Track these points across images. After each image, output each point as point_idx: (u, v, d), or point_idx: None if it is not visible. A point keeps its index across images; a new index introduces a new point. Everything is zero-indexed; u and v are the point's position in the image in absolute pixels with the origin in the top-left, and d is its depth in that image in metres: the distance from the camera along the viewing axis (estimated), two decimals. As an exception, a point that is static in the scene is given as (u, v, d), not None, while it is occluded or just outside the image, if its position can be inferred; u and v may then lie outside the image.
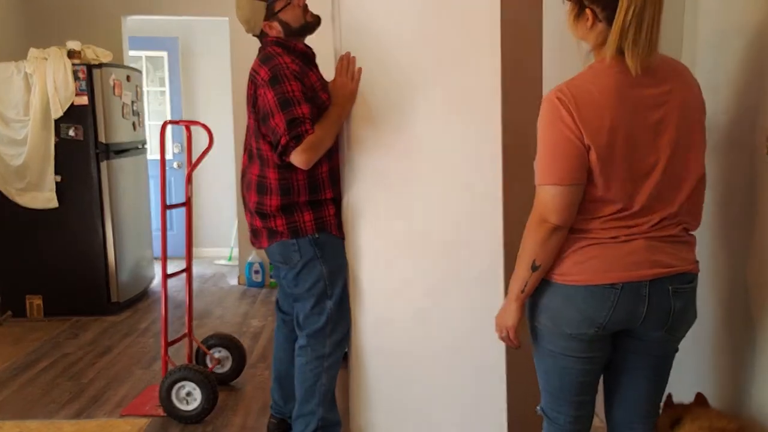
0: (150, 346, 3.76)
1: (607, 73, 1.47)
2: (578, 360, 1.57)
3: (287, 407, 2.50)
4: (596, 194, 1.48)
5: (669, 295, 1.50)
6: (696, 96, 1.54)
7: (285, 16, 2.21)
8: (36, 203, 4.12)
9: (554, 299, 1.55)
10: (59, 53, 4.04)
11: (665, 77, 1.49)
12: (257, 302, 4.71)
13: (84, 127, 4.10)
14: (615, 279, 1.48)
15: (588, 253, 1.50)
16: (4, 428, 2.74)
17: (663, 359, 1.63)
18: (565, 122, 1.44)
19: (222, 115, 5.52)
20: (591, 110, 1.44)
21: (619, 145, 1.45)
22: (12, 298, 4.24)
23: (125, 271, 4.41)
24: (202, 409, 2.76)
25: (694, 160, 1.53)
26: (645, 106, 1.46)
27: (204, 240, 6.04)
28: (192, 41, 5.82)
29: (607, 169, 1.46)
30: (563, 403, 1.64)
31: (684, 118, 1.49)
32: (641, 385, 1.65)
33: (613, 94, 1.44)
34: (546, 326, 1.58)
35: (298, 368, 2.34)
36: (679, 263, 1.51)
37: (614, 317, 1.50)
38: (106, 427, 2.74)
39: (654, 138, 1.47)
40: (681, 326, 1.58)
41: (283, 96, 2.07)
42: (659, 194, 1.49)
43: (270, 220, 2.23)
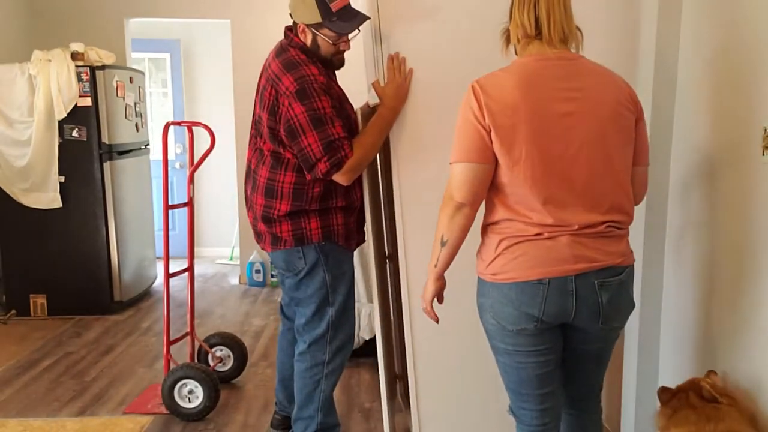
0: (152, 344, 3.79)
1: (520, 64, 1.61)
2: (530, 354, 1.63)
3: (291, 406, 2.51)
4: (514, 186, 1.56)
5: (595, 289, 1.56)
6: (617, 98, 1.59)
7: (321, 41, 2.10)
8: (40, 203, 4.16)
9: (492, 298, 1.62)
10: (63, 55, 4.07)
11: (580, 75, 1.58)
12: (258, 301, 4.73)
13: (87, 128, 4.13)
14: (541, 275, 1.55)
15: (516, 251, 1.57)
16: (8, 426, 2.76)
17: (603, 349, 1.73)
18: (472, 108, 1.56)
19: (223, 116, 5.56)
20: (496, 94, 1.55)
21: (521, 127, 1.53)
22: (16, 297, 4.27)
23: (128, 271, 4.44)
24: (204, 407, 2.79)
25: (618, 157, 1.59)
26: (553, 97, 1.55)
27: (206, 240, 6.07)
28: (194, 43, 5.85)
29: (512, 150, 1.54)
30: (526, 398, 1.69)
31: (600, 116, 1.56)
32: (585, 369, 1.76)
33: (519, 81, 1.55)
34: (492, 324, 1.65)
35: (298, 374, 2.32)
36: (603, 257, 1.56)
37: (547, 311, 1.57)
38: (108, 425, 2.77)
39: (563, 129, 1.54)
40: (615, 317, 1.64)
41: (315, 114, 2.00)
42: (580, 191, 1.55)
43: (275, 226, 2.18)
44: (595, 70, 1.61)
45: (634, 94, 1.64)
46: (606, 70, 1.63)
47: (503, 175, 1.57)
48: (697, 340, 2.04)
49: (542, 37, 1.59)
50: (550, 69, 1.57)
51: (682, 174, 2.12)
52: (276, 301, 4.71)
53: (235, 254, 5.78)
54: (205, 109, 5.87)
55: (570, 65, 1.59)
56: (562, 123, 1.54)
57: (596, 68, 1.62)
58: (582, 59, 1.62)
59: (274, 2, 4.83)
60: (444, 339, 2.21)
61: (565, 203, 1.55)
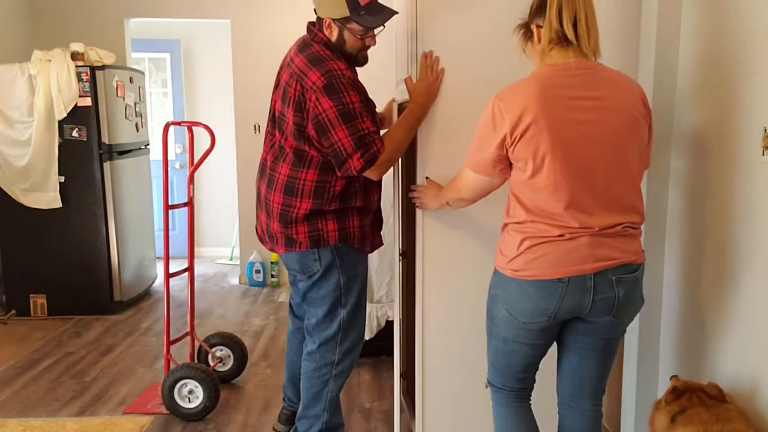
0: (152, 344, 3.79)
1: (540, 75, 1.65)
2: (525, 345, 1.75)
3: (299, 403, 2.49)
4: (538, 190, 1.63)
5: (613, 285, 1.65)
6: (634, 105, 1.65)
7: (348, 36, 2.07)
8: (40, 203, 4.16)
9: (511, 292, 1.71)
10: (63, 55, 4.07)
11: (600, 85, 1.64)
12: (258, 301, 4.73)
13: (87, 128, 4.14)
14: (562, 274, 1.63)
15: (538, 251, 1.65)
16: (8, 426, 2.76)
17: (610, 342, 1.78)
18: (491, 123, 1.65)
19: (224, 116, 5.56)
20: (519, 107, 1.60)
21: (543, 137, 1.59)
22: (16, 297, 4.27)
23: (128, 271, 4.44)
24: (204, 407, 2.79)
25: (633, 162, 1.66)
26: (573, 106, 1.60)
27: (206, 240, 6.07)
28: (194, 43, 5.85)
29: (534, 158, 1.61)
30: (508, 377, 1.83)
31: (617, 123, 1.62)
32: (589, 364, 1.80)
33: (539, 93, 1.60)
34: (503, 315, 1.74)
35: (306, 373, 2.31)
36: (621, 255, 1.65)
37: (563, 307, 1.66)
38: (108, 425, 2.77)
39: (582, 137, 1.60)
40: (627, 311, 1.71)
41: (344, 108, 1.98)
42: (599, 195, 1.63)
43: (291, 227, 2.14)
44: (613, 78, 1.67)
45: (646, 98, 1.70)
46: (622, 77, 1.68)
47: (526, 181, 1.64)
48: (698, 340, 2.04)
49: (577, 44, 1.63)
50: (570, 78, 1.62)
51: (683, 174, 2.12)
52: (276, 301, 4.71)
53: (235, 254, 5.78)
54: (205, 109, 5.87)
55: (589, 74, 1.64)
56: (582, 131, 1.60)
57: (613, 76, 1.67)
58: (600, 67, 1.67)
59: (274, 2, 4.83)
60: (453, 337, 2.22)
61: (585, 207, 1.62)
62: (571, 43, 1.63)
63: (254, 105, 4.88)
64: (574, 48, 1.64)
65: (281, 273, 5.12)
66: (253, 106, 4.90)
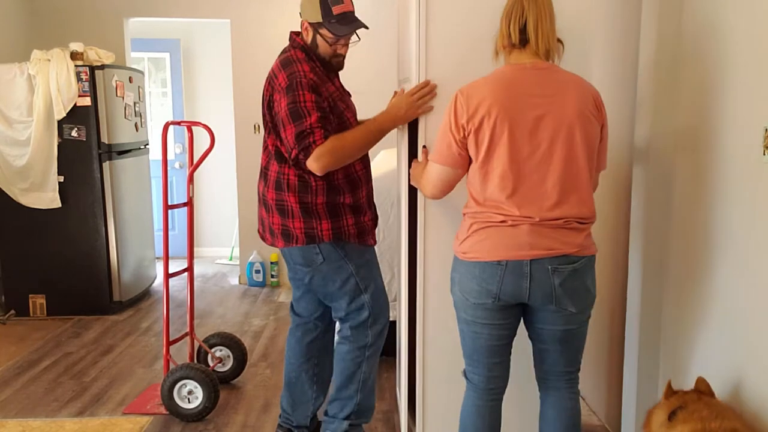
0: (152, 345, 3.79)
1: (499, 72, 1.81)
2: (486, 326, 1.85)
3: (295, 415, 2.51)
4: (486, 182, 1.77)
5: (549, 273, 1.75)
6: (584, 104, 1.76)
7: (321, 40, 2.18)
8: (39, 203, 4.15)
9: (461, 273, 1.86)
10: (62, 55, 4.07)
11: (552, 83, 1.77)
12: (258, 301, 4.73)
13: (87, 128, 4.13)
14: (500, 257, 1.76)
15: (482, 234, 1.80)
16: (8, 426, 2.76)
17: (567, 332, 1.85)
18: (452, 115, 1.79)
19: (223, 116, 5.55)
20: (475, 101, 1.76)
21: (499, 127, 1.73)
22: (15, 298, 4.26)
23: (127, 271, 4.44)
24: (204, 408, 2.79)
25: (581, 159, 1.76)
26: (526, 102, 1.74)
27: (205, 240, 6.07)
28: (194, 43, 5.84)
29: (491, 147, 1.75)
30: (477, 364, 1.91)
31: (567, 121, 1.73)
32: (551, 354, 1.90)
33: (498, 86, 1.76)
34: (458, 296, 1.88)
35: (340, 356, 2.37)
36: (560, 246, 1.75)
37: (504, 289, 1.78)
38: (108, 425, 2.77)
39: (533, 129, 1.73)
40: (568, 300, 1.79)
41: (295, 106, 2.08)
42: (546, 189, 1.74)
43: (288, 219, 2.22)
44: (566, 78, 1.79)
45: (600, 102, 1.81)
46: (576, 79, 1.81)
47: (477, 170, 1.79)
48: (698, 340, 2.04)
49: (527, 47, 1.78)
50: (525, 77, 1.77)
51: (684, 174, 2.11)
52: (276, 301, 4.71)
53: (234, 254, 5.78)
54: (204, 108, 5.87)
55: (543, 74, 1.78)
56: (533, 126, 1.73)
57: (567, 77, 1.80)
58: (555, 68, 1.80)
59: (274, 2, 4.83)
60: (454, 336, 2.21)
61: (528, 198, 1.75)
62: (524, 47, 1.79)
63: (254, 105, 4.83)
64: (530, 50, 1.78)
65: (281, 273, 5.12)
66: (252, 106, 4.89)
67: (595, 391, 2.83)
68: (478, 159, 1.78)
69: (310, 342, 2.46)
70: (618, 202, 2.58)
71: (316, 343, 2.47)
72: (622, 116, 2.48)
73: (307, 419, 2.51)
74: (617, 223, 2.58)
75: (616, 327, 2.58)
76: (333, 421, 2.41)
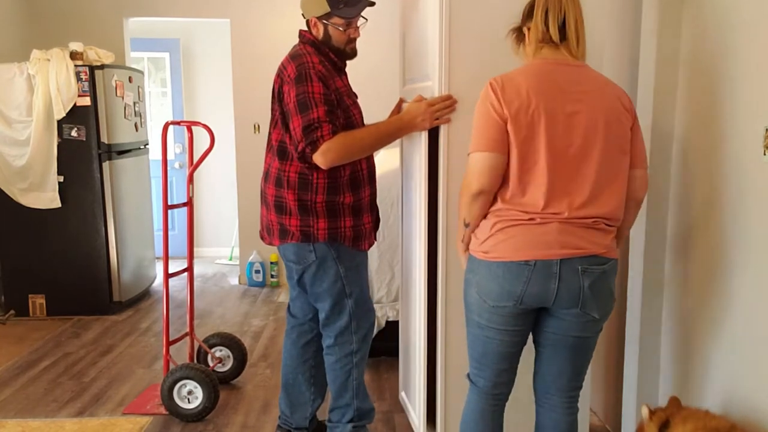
0: (152, 345, 3.78)
1: (533, 65, 1.75)
2: (500, 332, 1.77)
3: (294, 417, 2.51)
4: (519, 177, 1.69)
5: (578, 274, 1.68)
6: (616, 104, 1.72)
7: (332, 30, 2.19)
8: (39, 203, 4.15)
9: (480, 274, 1.76)
10: (62, 54, 4.07)
11: (585, 81, 1.73)
12: (258, 302, 4.73)
13: (86, 128, 4.13)
14: (529, 257, 1.68)
15: (508, 233, 1.71)
16: (7, 427, 2.75)
17: (582, 340, 1.78)
18: (491, 102, 1.70)
19: (223, 116, 5.55)
20: (513, 90, 1.69)
21: (535, 119, 1.67)
22: (15, 298, 4.26)
23: (127, 271, 4.44)
24: (204, 408, 2.78)
25: (614, 158, 1.71)
26: (562, 97, 1.69)
27: (205, 240, 6.06)
28: (193, 43, 5.84)
29: (526, 140, 1.68)
30: (485, 368, 1.84)
31: (601, 118, 1.69)
32: (560, 362, 1.82)
33: (534, 80, 1.70)
34: (474, 298, 1.79)
35: (329, 366, 2.37)
36: (589, 246, 1.68)
37: (529, 291, 1.69)
38: (108, 425, 2.77)
39: (568, 125, 1.68)
40: (594, 304, 1.71)
41: (304, 97, 2.08)
42: (578, 185, 1.68)
43: (285, 217, 2.22)
44: (597, 77, 1.76)
45: (629, 102, 1.77)
46: (606, 79, 1.78)
47: (511, 164, 1.70)
48: (698, 341, 2.03)
49: (563, 44, 1.73)
50: (560, 72, 1.72)
51: (683, 174, 2.11)
52: (276, 302, 4.71)
53: (234, 254, 5.78)
54: (204, 108, 5.86)
55: (577, 71, 1.74)
56: (569, 121, 1.68)
57: (598, 76, 1.77)
58: (586, 67, 1.76)
59: (274, 2, 4.83)
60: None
61: (561, 194, 1.67)
62: (560, 44, 1.73)
63: (254, 105, 4.87)
64: (564, 48, 1.73)
65: (281, 273, 5.11)
66: (252, 106, 4.90)
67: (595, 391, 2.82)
68: (515, 146, 1.68)
69: (305, 344, 2.46)
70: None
71: (312, 345, 2.46)
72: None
73: (306, 421, 2.51)
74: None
75: (615, 326, 2.58)
76: (337, 426, 2.42)
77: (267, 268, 5.11)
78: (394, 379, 3.15)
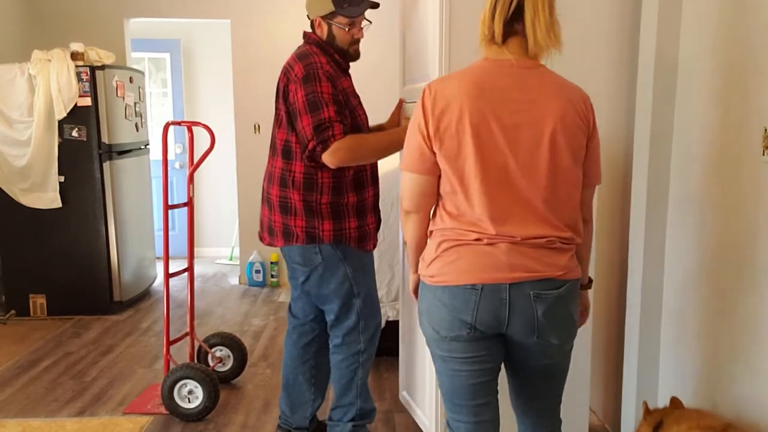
0: (152, 344, 3.79)
1: (475, 68, 1.54)
2: (464, 361, 1.56)
3: (294, 417, 2.52)
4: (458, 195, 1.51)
5: (530, 300, 1.49)
6: (569, 114, 1.50)
7: (336, 30, 2.20)
8: (40, 203, 4.16)
9: (428, 301, 1.58)
10: (62, 55, 4.07)
11: (535, 87, 1.50)
12: (258, 301, 4.73)
13: (87, 128, 4.13)
14: (474, 280, 1.49)
15: (453, 254, 1.53)
16: (8, 426, 2.76)
17: (549, 367, 1.61)
18: (419, 122, 1.53)
19: (223, 116, 5.56)
20: (444, 102, 1.50)
21: (467, 136, 1.48)
22: (16, 297, 4.27)
23: (128, 271, 4.44)
24: (204, 408, 2.79)
25: (564, 174, 1.51)
26: (502, 108, 1.48)
27: (205, 240, 6.07)
28: (194, 43, 5.85)
29: (458, 159, 1.50)
30: (459, 409, 1.62)
31: (548, 131, 1.48)
32: (530, 389, 1.66)
33: (470, 88, 1.49)
34: (427, 329, 1.60)
35: (335, 365, 2.38)
36: (543, 268, 1.49)
37: (480, 318, 1.50)
38: (108, 425, 2.77)
39: (508, 140, 1.48)
40: (552, 332, 1.53)
41: (313, 96, 2.08)
42: (523, 205, 1.50)
43: (290, 218, 2.22)
44: (553, 82, 1.53)
45: (588, 112, 1.55)
46: (562, 83, 1.54)
47: (447, 184, 1.53)
48: (698, 341, 2.04)
49: (512, 41, 1.50)
50: (504, 77, 1.50)
51: (683, 174, 2.11)
52: (276, 301, 4.71)
53: (235, 254, 5.78)
54: (205, 109, 5.87)
55: (528, 74, 1.51)
56: (508, 136, 1.48)
57: (554, 79, 1.54)
58: (541, 69, 1.53)
59: (274, 2, 4.83)
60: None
61: (506, 217, 1.49)
62: (502, 44, 1.51)
63: (254, 105, 4.88)
64: (513, 47, 1.51)
65: (281, 273, 5.12)
66: (253, 106, 4.90)
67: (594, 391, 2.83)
68: (446, 168, 1.52)
69: (306, 344, 2.47)
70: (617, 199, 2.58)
71: (313, 345, 2.47)
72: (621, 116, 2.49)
73: (306, 420, 2.51)
74: (616, 222, 2.58)
75: (615, 326, 2.58)
76: (338, 425, 2.43)
77: (267, 268, 5.11)
78: (394, 379, 3.15)
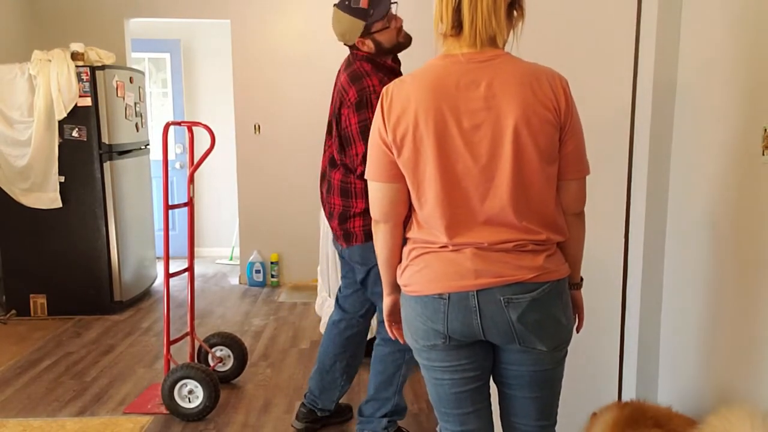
0: (152, 344, 3.79)
1: (430, 66, 1.45)
2: (445, 370, 1.51)
3: (321, 398, 2.61)
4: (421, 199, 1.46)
5: (502, 306, 1.41)
6: (536, 106, 1.40)
7: (380, 36, 2.24)
8: (40, 203, 4.16)
9: (407, 310, 1.53)
10: (63, 55, 4.08)
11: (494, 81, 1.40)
12: (258, 301, 4.74)
13: (87, 128, 4.14)
14: (441, 289, 1.43)
15: (420, 263, 1.48)
16: (8, 426, 2.76)
17: (540, 373, 1.53)
18: (378, 126, 1.47)
19: (223, 116, 5.57)
20: (400, 106, 1.43)
21: (424, 143, 1.41)
22: (16, 297, 4.27)
23: (128, 271, 4.45)
24: (204, 407, 2.79)
25: (533, 172, 1.42)
26: (459, 108, 1.40)
27: (206, 240, 6.07)
28: (194, 43, 5.85)
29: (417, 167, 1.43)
30: (447, 417, 1.57)
31: (512, 129, 1.39)
32: (521, 398, 1.57)
33: (425, 90, 1.41)
34: (408, 339, 1.56)
35: (380, 357, 2.43)
36: (511, 272, 1.41)
37: (452, 327, 1.45)
38: (108, 425, 2.77)
39: (468, 143, 1.40)
40: (535, 338, 1.46)
41: (365, 124, 2.15)
42: (487, 210, 1.42)
43: (349, 222, 2.33)
44: (514, 71, 1.41)
45: (558, 99, 1.43)
46: (528, 71, 1.42)
47: (411, 193, 1.48)
48: (698, 341, 2.04)
49: (462, 33, 1.41)
50: (460, 74, 1.41)
51: (682, 174, 2.12)
52: (276, 301, 4.72)
53: (235, 254, 5.79)
54: (205, 109, 5.88)
55: (482, 68, 1.40)
56: (468, 138, 1.40)
57: (515, 69, 1.41)
58: (501, 59, 1.42)
59: (274, 2, 4.84)
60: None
61: (470, 224, 1.43)
62: (458, 35, 1.42)
63: (254, 105, 4.88)
64: (464, 38, 1.41)
65: (281, 273, 5.13)
66: (253, 106, 4.91)
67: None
68: (406, 176, 1.45)
69: (350, 336, 2.56)
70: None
71: (356, 338, 2.57)
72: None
73: (332, 404, 2.62)
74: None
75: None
76: (371, 420, 2.48)
77: (267, 268, 5.12)
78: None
